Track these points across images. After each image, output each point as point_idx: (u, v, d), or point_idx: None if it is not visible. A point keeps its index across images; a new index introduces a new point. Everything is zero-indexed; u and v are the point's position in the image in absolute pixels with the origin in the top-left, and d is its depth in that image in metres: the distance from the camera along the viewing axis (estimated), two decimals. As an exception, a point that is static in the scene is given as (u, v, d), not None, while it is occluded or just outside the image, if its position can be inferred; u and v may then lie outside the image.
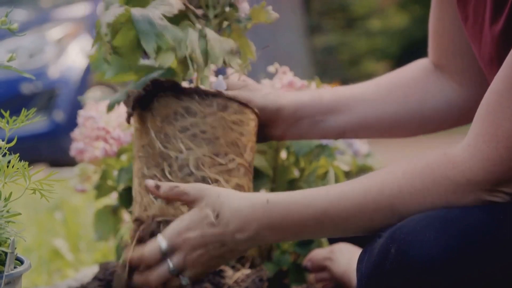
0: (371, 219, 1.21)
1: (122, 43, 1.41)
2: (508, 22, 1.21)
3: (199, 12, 1.44)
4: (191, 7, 1.43)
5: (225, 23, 1.49)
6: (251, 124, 1.43)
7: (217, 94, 1.39)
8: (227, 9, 1.49)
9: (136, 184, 1.40)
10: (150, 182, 1.30)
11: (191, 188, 1.27)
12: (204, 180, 1.34)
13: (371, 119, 1.52)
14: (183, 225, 1.26)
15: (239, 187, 1.38)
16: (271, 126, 1.51)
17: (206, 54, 1.39)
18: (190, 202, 1.28)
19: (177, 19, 1.40)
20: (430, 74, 1.54)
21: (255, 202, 1.25)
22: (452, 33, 1.47)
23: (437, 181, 1.17)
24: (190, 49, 1.37)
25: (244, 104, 1.41)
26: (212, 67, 1.58)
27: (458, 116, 1.53)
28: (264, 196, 1.25)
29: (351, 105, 1.52)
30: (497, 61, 1.25)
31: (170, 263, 1.27)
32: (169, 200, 1.31)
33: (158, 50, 1.36)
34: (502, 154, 1.13)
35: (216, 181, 1.35)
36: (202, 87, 1.44)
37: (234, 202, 1.25)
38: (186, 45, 1.37)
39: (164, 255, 1.27)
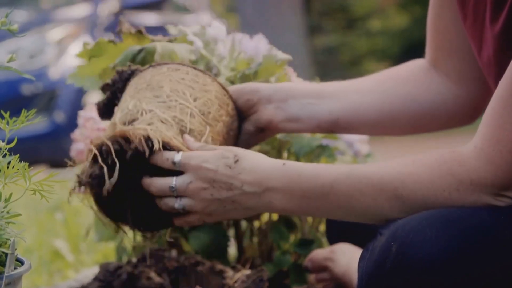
0: (374, 200, 1.21)
1: None
2: (507, 21, 1.21)
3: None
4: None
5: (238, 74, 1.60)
6: (209, 86, 1.44)
7: (170, 62, 1.46)
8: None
9: None
10: (187, 137, 1.35)
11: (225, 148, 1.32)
12: (138, 112, 1.37)
13: (362, 107, 1.51)
14: (203, 156, 1.30)
15: (178, 120, 1.38)
16: (255, 110, 1.50)
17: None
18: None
19: None
20: (424, 71, 1.53)
21: (273, 163, 1.28)
22: (451, 31, 1.47)
23: (442, 175, 1.18)
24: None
25: (200, 70, 1.45)
26: None
27: (452, 115, 1.53)
28: (280, 160, 1.29)
29: (342, 92, 1.52)
30: (496, 60, 1.25)
31: (174, 180, 1.30)
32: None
33: None
34: (507, 158, 1.13)
35: (150, 111, 1.36)
36: None
37: (255, 157, 1.29)
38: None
39: (174, 165, 1.30)
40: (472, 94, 1.49)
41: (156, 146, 1.30)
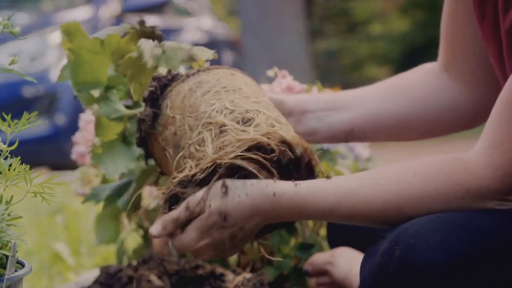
0: (377, 218, 1.20)
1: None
2: None
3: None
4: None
5: None
6: (262, 92, 1.42)
7: (220, 67, 1.40)
8: None
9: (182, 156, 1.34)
10: (153, 229, 1.28)
11: (191, 201, 1.25)
12: (247, 112, 1.29)
13: (374, 116, 1.51)
14: (193, 237, 1.26)
15: (280, 120, 1.33)
16: None
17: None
18: (198, 215, 1.25)
19: None
20: (435, 76, 1.54)
21: (261, 193, 1.22)
22: (466, 34, 1.46)
23: (449, 186, 1.16)
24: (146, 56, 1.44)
25: (245, 74, 1.42)
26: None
27: (465, 118, 1.53)
28: (270, 189, 1.22)
29: (355, 103, 1.52)
30: (508, 56, 1.24)
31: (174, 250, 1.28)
32: (186, 221, 1.27)
33: None
34: None
35: (258, 112, 1.30)
36: None
37: (239, 198, 1.22)
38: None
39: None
40: (484, 97, 1.49)
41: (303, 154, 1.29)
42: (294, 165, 1.30)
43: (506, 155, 1.13)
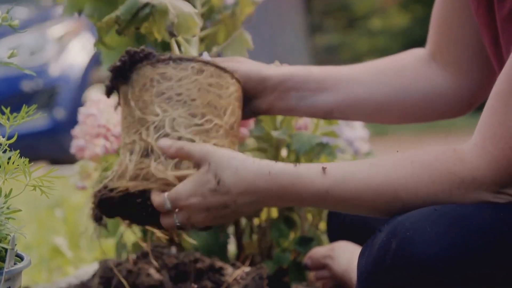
0: (373, 203, 1.21)
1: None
2: None
3: None
4: None
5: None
6: (231, 88, 1.42)
7: (192, 59, 1.40)
8: None
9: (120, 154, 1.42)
10: (162, 142, 1.33)
11: (197, 150, 1.29)
12: (180, 140, 1.35)
13: (358, 99, 1.52)
14: (187, 190, 1.29)
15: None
16: (257, 97, 1.51)
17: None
18: (195, 164, 1.30)
19: None
20: (422, 62, 1.54)
21: (257, 171, 1.25)
22: (455, 24, 1.47)
23: (443, 175, 1.17)
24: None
25: (221, 68, 1.41)
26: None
27: (449, 108, 1.53)
28: (267, 166, 1.25)
29: (340, 84, 1.53)
30: (505, 44, 1.24)
31: (176, 220, 1.31)
32: (178, 158, 1.33)
33: None
34: (509, 156, 1.13)
35: (192, 142, 1.35)
36: (179, 54, 1.46)
37: (236, 168, 1.26)
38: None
39: (169, 210, 1.31)
40: (469, 87, 1.50)
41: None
42: None
43: (499, 146, 1.13)
